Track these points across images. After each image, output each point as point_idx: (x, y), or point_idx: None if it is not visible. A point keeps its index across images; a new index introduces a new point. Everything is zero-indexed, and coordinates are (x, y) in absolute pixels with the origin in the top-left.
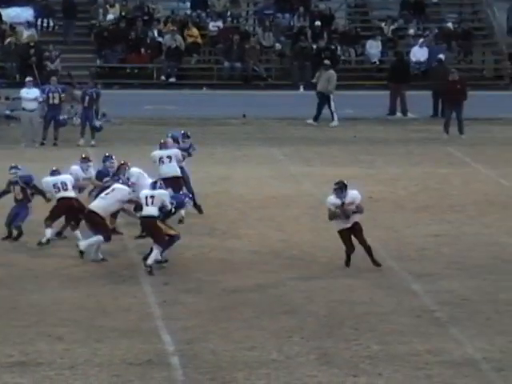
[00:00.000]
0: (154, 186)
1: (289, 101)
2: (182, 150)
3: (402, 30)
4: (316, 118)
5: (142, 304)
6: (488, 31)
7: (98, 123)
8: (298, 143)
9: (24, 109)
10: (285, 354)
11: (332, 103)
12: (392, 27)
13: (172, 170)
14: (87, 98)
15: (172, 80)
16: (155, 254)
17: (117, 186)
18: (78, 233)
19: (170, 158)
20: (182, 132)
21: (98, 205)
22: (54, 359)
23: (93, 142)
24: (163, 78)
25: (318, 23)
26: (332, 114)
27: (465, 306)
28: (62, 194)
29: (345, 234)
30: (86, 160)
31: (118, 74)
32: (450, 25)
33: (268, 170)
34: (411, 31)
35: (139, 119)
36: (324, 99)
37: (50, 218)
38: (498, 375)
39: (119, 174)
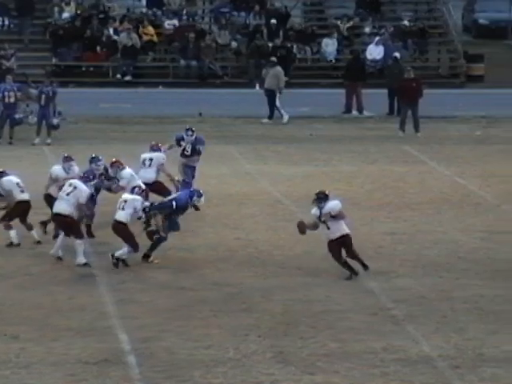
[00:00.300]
0: (132, 190)
1: (245, 99)
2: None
3: (358, 28)
4: (270, 117)
5: (97, 303)
6: (443, 29)
7: (55, 121)
8: (255, 141)
9: None
10: (241, 353)
11: (277, 100)
12: (348, 25)
13: (148, 175)
14: (43, 96)
15: (128, 78)
16: (124, 252)
17: (77, 183)
18: (34, 232)
19: (151, 160)
20: (187, 127)
21: (60, 207)
22: (9, 358)
23: (48, 141)
24: (119, 76)
25: (273, 21)
26: (279, 111)
27: (421, 303)
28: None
29: (332, 246)
30: (68, 159)
31: (74, 72)
32: (405, 23)
33: (224, 168)
34: (367, 29)
35: (95, 118)
36: (273, 96)
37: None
38: (454, 372)
39: (111, 172)
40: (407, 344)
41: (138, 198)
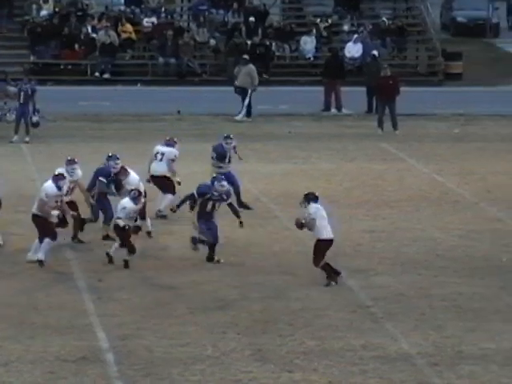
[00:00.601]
0: (129, 193)
1: (223, 97)
2: (227, 151)
3: (337, 26)
4: (248, 114)
5: (75, 301)
6: (422, 27)
7: (34, 119)
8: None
9: None
10: (220, 350)
11: (247, 99)
12: (326, 23)
13: (160, 168)
14: (23, 94)
15: (106, 76)
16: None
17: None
18: None
19: (162, 155)
20: (225, 135)
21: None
22: None
23: (27, 139)
24: (97, 74)
25: (252, 19)
26: (242, 108)
27: (400, 301)
28: None
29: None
30: (71, 162)
31: (52, 70)
32: (384, 21)
33: (203, 167)
34: (345, 27)
35: (73, 116)
36: (245, 94)
37: None
38: (433, 370)
39: (120, 177)
40: (386, 341)
41: (125, 204)
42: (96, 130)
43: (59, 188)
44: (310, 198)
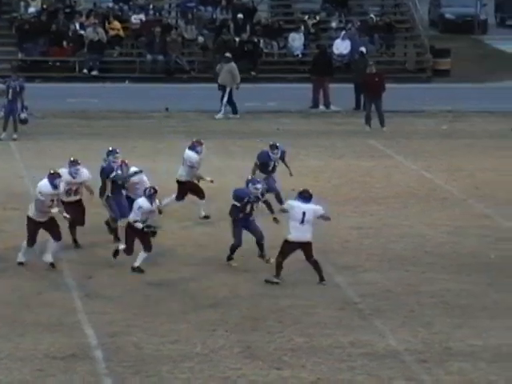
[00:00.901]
0: (144, 191)
1: (212, 94)
2: (272, 160)
3: (325, 22)
4: (235, 111)
5: (65, 298)
6: (410, 24)
7: (23, 116)
8: (222, 136)
9: None
10: (209, 348)
11: (226, 97)
12: (314, 20)
13: (180, 172)
14: (11, 91)
15: (94, 73)
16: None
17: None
18: None
19: (183, 159)
20: (270, 143)
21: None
22: None
23: (15, 136)
24: (85, 71)
25: (240, 16)
26: (221, 105)
27: (388, 297)
28: None
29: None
30: (74, 163)
31: (40, 67)
32: (372, 17)
33: None
34: (333, 24)
35: (62, 112)
36: (225, 91)
37: None
38: (421, 367)
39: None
40: (374, 338)
41: (139, 202)
42: (84, 127)
43: (55, 186)
44: (299, 194)
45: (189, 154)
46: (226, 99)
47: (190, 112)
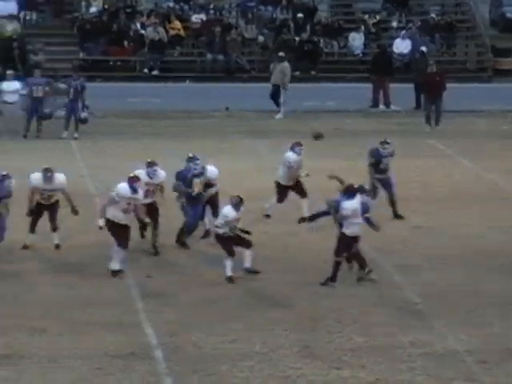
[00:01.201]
0: (230, 200)
1: None
2: (384, 156)
3: (385, 22)
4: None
5: (124, 297)
6: (471, 23)
7: (83, 115)
8: (281, 135)
9: (5, 102)
10: (268, 347)
11: (282, 96)
12: (375, 20)
13: (279, 174)
14: (72, 90)
15: (155, 73)
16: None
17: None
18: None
19: (283, 160)
20: (382, 140)
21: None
22: (37, 352)
23: (76, 135)
24: (146, 70)
25: (300, 15)
26: (279, 105)
27: (447, 298)
28: None
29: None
30: (152, 164)
31: (101, 66)
32: (433, 17)
33: (250, 163)
34: (394, 24)
35: (122, 112)
36: (278, 91)
37: None
38: (481, 367)
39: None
40: (434, 338)
41: None
42: (146, 127)
43: (134, 190)
44: (346, 190)
45: (288, 154)
46: (282, 99)
47: (250, 111)
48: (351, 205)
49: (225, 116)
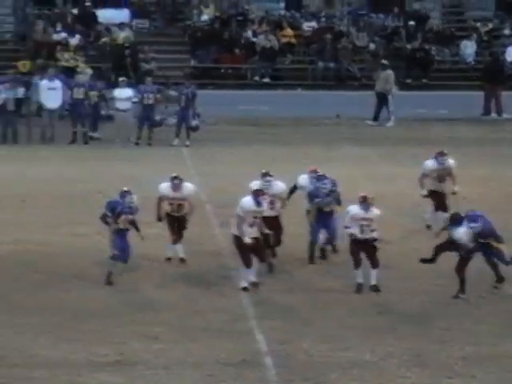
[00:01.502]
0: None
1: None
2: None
3: (497, 30)
4: (375, 118)
5: (235, 304)
6: None
7: (194, 123)
8: (392, 143)
9: (117, 109)
10: (378, 355)
11: (390, 103)
12: (487, 27)
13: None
14: (183, 97)
15: (266, 80)
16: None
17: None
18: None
19: None
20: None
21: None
22: (149, 359)
23: (187, 143)
24: (257, 78)
25: (412, 23)
26: (389, 113)
27: None
28: None
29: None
30: (265, 175)
31: (212, 74)
32: None
33: (361, 171)
34: (506, 31)
35: (233, 119)
36: (383, 99)
37: None
38: None
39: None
40: None
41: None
42: (256, 134)
43: (258, 204)
44: (454, 220)
45: (426, 162)
46: (391, 106)
47: (361, 119)
48: (463, 233)
49: (335, 124)
